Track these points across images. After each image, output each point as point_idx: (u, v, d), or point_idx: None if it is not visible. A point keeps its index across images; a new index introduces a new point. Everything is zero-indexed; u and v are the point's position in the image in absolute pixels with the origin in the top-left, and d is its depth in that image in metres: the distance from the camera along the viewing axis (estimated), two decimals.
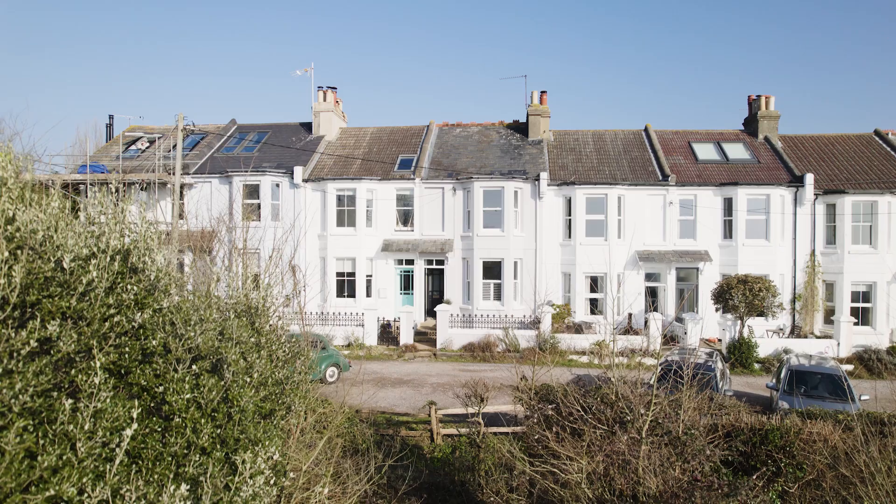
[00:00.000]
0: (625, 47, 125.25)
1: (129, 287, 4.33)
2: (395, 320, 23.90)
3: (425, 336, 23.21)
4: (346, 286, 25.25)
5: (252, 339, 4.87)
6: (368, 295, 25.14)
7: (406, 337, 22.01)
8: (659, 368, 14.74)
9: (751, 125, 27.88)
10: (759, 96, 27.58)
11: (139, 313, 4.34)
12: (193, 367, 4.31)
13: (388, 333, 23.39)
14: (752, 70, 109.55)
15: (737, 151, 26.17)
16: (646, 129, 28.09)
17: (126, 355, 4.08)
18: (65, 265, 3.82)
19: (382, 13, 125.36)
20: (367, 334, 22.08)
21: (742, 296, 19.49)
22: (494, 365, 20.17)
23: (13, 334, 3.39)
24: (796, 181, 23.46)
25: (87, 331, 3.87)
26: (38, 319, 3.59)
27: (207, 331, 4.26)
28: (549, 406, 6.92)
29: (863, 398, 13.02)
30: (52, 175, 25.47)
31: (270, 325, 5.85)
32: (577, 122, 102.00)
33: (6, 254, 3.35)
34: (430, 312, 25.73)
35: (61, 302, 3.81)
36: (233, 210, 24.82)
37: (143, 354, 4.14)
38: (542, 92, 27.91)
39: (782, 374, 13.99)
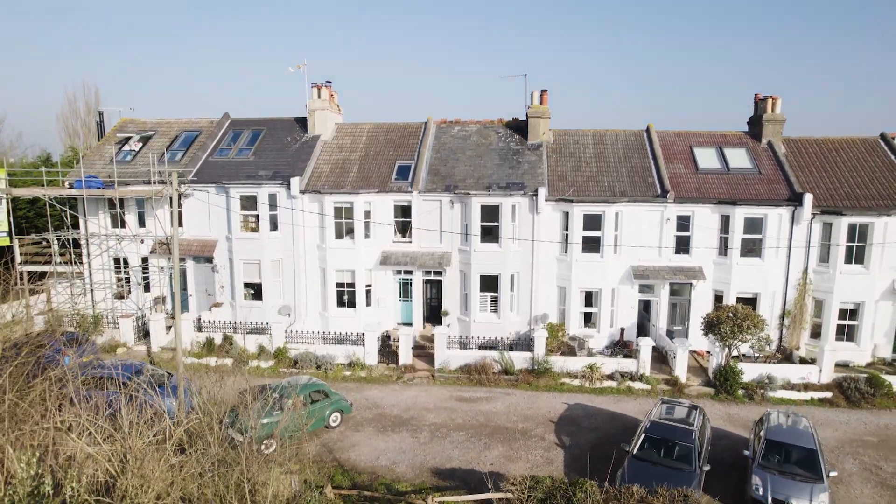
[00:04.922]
0: (627, 43, 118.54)
1: None
2: (394, 331, 24.63)
3: (424, 350, 24.00)
4: (345, 296, 25.77)
5: None
6: (368, 304, 25.73)
7: (405, 356, 22.81)
8: (643, 435, 15.63)
9: (755, 126, 27.28)
10: (766, 97, 26.80)
11: None
12: None
13: (387, 346, 24.18)
14: (760, 66, 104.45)
15: (738, 159, 25.81)
16: (647, 130, 27.52)
17: None
18: None
19: (382, 11, 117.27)
20: (367, 354, 22.86)
21: (730, 330, 20.10)
22: (490, 390, 21.10)
23: None
24: (795, 199, 23.37)
25: None
26: None
27: None
28: None
29: (831, 474, 13.93)
30: (46, 189, 25.34)
31: None
32: (579, 118, 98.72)
33: None
34: (429, 319, 26.44)
35: None
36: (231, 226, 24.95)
37: None
38: (543, 91, 27.10)
39: (759, 442, 14.83)
